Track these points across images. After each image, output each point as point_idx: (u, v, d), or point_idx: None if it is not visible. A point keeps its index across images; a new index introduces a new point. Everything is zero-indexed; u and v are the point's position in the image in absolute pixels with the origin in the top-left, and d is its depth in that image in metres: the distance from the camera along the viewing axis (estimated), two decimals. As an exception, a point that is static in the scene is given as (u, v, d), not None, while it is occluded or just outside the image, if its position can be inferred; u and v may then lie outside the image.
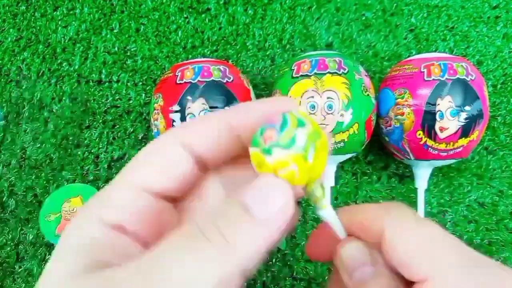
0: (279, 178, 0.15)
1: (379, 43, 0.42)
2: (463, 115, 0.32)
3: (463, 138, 0.32)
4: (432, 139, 0.32)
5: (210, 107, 0.31)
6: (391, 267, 0.17)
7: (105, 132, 0.41)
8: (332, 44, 0.43)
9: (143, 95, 0.42)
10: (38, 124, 0.41)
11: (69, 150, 0.40)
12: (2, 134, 0.41)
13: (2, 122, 0.41)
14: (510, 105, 0.41)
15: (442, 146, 0.33)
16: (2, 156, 0.41)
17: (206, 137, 0.17)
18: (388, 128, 0.35)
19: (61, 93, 0.42)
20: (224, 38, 0.43)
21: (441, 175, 0.39)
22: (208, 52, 0.43)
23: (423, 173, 0.36)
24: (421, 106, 0.32)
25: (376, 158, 0.40)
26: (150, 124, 0.38)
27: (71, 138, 0.41)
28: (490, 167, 0.39)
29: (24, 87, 0.42)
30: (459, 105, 0.32)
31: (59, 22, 0.44)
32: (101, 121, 0.41)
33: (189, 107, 0.31)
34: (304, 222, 0.38)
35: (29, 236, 0.39)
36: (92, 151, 0.40)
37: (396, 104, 0.34)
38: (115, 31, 0.43)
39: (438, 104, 0.32)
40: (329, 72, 0.32)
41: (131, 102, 0.41)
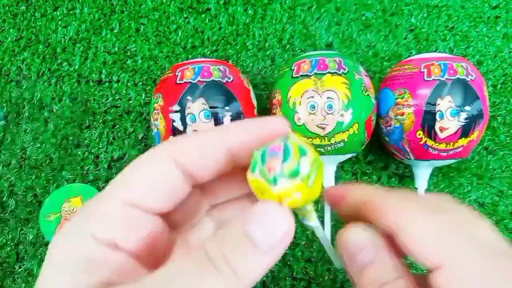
0: (282, 206, 0.15)
1: (379, 43, 0.42)
2: (463, 115, 0.32)
3: (463, 138, 0.32)
4: (432, 139, 0.32)
5: (210, 107, 0.31)
6: (399, 252, 0.17)
7: (105, 132, 0.41)
8: (332, 44, 0.43)
9: (143, 95, 0.42)
10: (38, 124, 0.41)
11: (69, 150, 0.40)
12: (2, 134, 0.41)
13: (2, 122, 0.41)
14: (510, 105, 0.41)
15: (442, 146, 0.33)
16: (2, 156, 0.41)
17: (198, 155, 0.17)
18: (388, 128, 0.35)
19: (61, 93, 0.42)
20: (224, 38, 0.43)
21: (441, 175, 0.39)
22: (208, 52, 0.43)
23: (423, 173, 0.36)
24: (421, 106, 0.32)
25: (376, 158, 0.40)
26: (150, 124, 0.38)
27: (71, 138, 0.41)
28: (490, 167, 0.39)
29: (24, 87, 0.42)
30: (459, 105, 0.32)
31: (59, 22, 0.44)
32: (101, 121, 0.41)
33: (189, 107, 0.31)
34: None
35: (29, 236, 0.39)
36: (92, 151, 0.40)
37: (396, 104, 0.34)
38: (115, 31, 0.43)
39: (438, 104, 0.32)
40: (329, 72, 0.32)
41: (131, 102, 0.41)
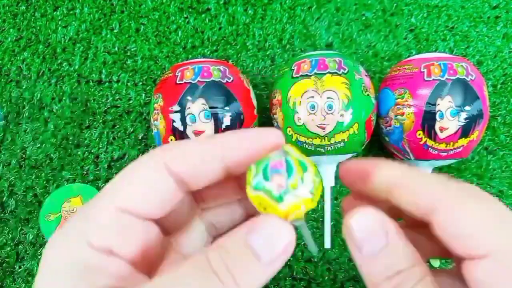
0: (284, 221, 0.16)
1: (379, 43, 0.42)
2: (463, 115, 0.32)
3: (463, 138, 0.32)
4: (432, 139, 0.32)
5: (210, 107, 0.31)
6: (412, 238, 0.17)
7: (105, 132, 0.41)
8: (332, 44, 0.43)
9: (143, 95, 0.42)
10: (38, 124, 0.41)
11: (69, 150, 0.40)
12: (2, 134, 0.41)
13: (2, 122, 0.41)
14: (510, 105, 0.41)
15: (442, 146, 0.33)
16: (2, 156, 0.41)
17: (192, 165, 0.17)
18: (388, 128, 0.35)
19: (61, 93, 0.42)
20: (224, 38, 0.43)
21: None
22: (208, 52, 0.43)
23: (423, 173, 0.36)
24: (421, 106, 0.32)
25: (376, 158, 0.40)
26: (150, 124, 0.38)
27: (71, 138, 0.41)
28: (490, 167, 0.39)
29: (24, 87, 0.42)
30: (459, 105, 0.31)
31: (59, 22, 0.44)
32: (101, 121, 0.41)
33: (189, 107, 0.31)
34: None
35: (29, 236, 0.39)
36: (92, 151, 0.40)
37: (396, 104, 0.34)
38: (115, 31, 0.43)
39: (438, 104, 0.32)
40: (329, 72, 0.32)
41: (131, 102, 0.41)
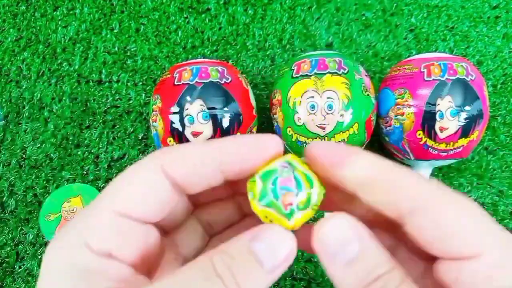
0: (287, 230, 0.16)
1: (379, 43, 0.42)
2: (463, 115, 0.32)
3: (463, 138, 0.32)
4: (432, 139, 0.32)
5: (208, 108, 0.31)
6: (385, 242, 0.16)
7: (105, 132, 0.41)
8: (332, 44, 0.43)
9: (143, 95, 0.42)
10: (38, 124, 0.41)
11: (69, 150, 0.41)
12: (2, 134, 0.41)
13: (2, 122, 0.41)
14: (510, 105, 0.41)
15: (442, 146, 0.33)
16: (2, 156, 0.41)
17: (189, 170, 0.17)
18: (388, 128, 0.35)
19: (61, 93, 0.42)
20: (224, 38, 0.43)
21: (441, 175, 0.39)
22: (208, 52, 0.43)
23: (423, 173, 0.36)
24: (421, 106, 0.32)
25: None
26: (149, 125, 0.38)
27: (71, 138, 0.41)
28: (490, 167, 0.39)
29: (24, 87, 0.42)
30: (459, 105, 0.31)
31: (59, 22, 0.44)
32: (101, 121, 0.41)
33: (187, 109, 0.31)
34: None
35: (29, 236, 0.39)
36: (92, 151, 0.40)
37: (396, 104, 0.34)
38: (115, 31, 0.43)
39: (438, 104, 0.32)
40: (329, 72, 0.32)
41: (131, 102, 0.41)
